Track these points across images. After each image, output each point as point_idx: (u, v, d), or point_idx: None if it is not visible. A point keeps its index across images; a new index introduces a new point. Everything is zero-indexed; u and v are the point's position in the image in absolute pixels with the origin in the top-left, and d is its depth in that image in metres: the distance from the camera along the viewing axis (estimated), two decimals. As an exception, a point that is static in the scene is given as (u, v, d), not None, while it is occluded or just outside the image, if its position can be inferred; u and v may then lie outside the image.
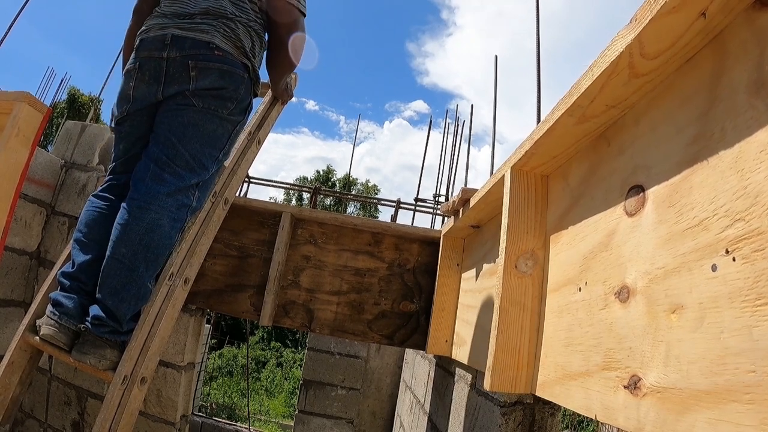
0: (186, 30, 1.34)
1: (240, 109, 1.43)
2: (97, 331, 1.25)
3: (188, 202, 1.38)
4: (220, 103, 1.37)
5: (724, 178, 0.44)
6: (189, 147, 1.35)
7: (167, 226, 1.31)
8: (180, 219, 1.36)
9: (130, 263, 1.26)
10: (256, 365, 13.67)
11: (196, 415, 5.10)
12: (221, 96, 1.36)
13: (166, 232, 1.31)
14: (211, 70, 1.34)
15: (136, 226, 1.27)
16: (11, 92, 1.44)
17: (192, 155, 1.36)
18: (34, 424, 2.06)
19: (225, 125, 1.41)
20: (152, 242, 1.29)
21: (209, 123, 1.37)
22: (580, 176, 0.76)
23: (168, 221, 1.31)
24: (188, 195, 1.38)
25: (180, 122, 1.35)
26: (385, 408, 4.17)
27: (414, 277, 1.78)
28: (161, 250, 1.31)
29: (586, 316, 0.66)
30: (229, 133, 1.43)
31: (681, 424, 0.44)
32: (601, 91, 0.60)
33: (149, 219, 1.28)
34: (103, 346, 1.25)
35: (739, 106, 0.44)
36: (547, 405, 1.05)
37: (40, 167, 2.17)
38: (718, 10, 0.44)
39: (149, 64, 1.34)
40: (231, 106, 1.39)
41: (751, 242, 0.39)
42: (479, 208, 1.19)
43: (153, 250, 1.29)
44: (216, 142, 1.40)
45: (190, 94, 1.34)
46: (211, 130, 1.38)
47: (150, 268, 1.30)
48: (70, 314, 1.26)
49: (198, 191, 1.42)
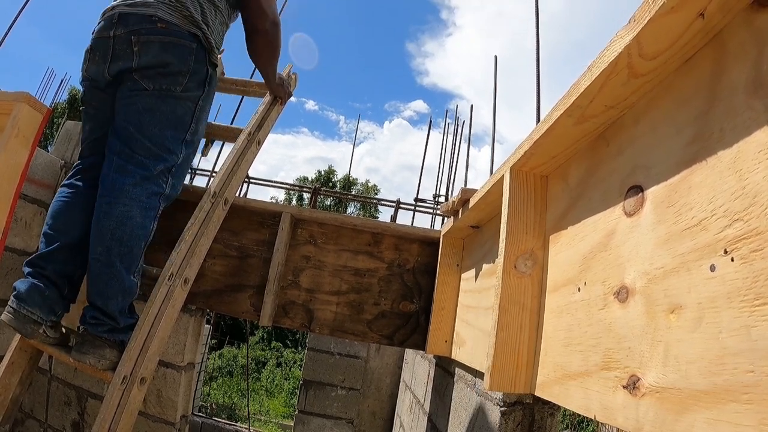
0: (131, 6, 1.33)
1: (196, 83, 1.38)
2: (95, 331, 1.26)
3: (159, 189, 1.36)
4: (171, 80, 1.33)
5: (723, 178, 0.44)
6: (148, 134, 1.32)
7: (138, 217, 1.29)
8: (152, 207, 1.34)
9: (106, 260, 1.26)
10: (256, 365, 13.67)
11: (196, 415, 5.10)
12: (169, 72, 1.32)
13: (138, 222, 1.29)
14: (153, 43, 1.31)
15: (106, 221, 1.27)
16: (11, 93, 1.44)
17: (153, 142, 1.33)
18: (34, 425, 2.06)
19: (184, 104, 1.37)
20: (124, 235, 1.27)
21: (164, 105, 1.34)
22: (579, 176, 0.76)
23: (139, 211, 1.30)
24: (158, 182, 1.35)
25: (134, 110, 1.32)
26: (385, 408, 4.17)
27: (414, 277, 1.78)
28: (135, 242, 1.29)
29: (586, 316, 0.66)
30: (191, 111, 1.39)
31: (680, 424, 0.44)
32: (600, 92, 0.60)
33: (118, 212, 1.27)
34: (102, 346, 1.25)
35: (738, 107, 0.44)
36: (546, 405, 1.05)
37: (40, 168, 2.17)
38: (716, 10, 0.44)
39: (99, 43, 1.35)
40: (183, 81, 1.34)
41: (750, 242, 0.39)
42: (479, 209, 1.19)
43: (126, 242, 1.28)
44: (178, 123, 1.37)
45: (138, 75, 1.31)
46: (169, 111, 1.34)
47: (125, 261, 1.28)
48: (22, 298, 1.24)
49: (171, 177, 1.39)
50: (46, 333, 1.28)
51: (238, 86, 2.00)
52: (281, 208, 1.83)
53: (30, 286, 1.25)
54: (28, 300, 1.23)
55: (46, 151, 2.32)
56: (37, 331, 1.25)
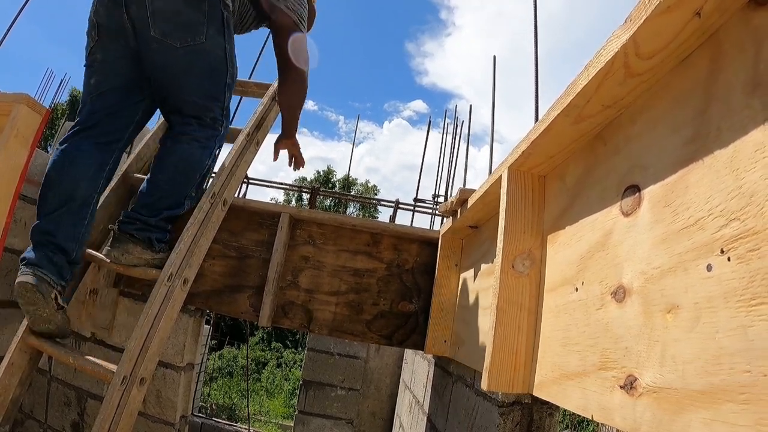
0: None
1: (215, 28, 1.40)
2: (125, 228, 1.39)
3: (215, 132, 1.50)
4: (193, 31, 1.35)
5: (720, 177, 0.44)
6: (193, 91, 1.43)
7: (197, 155, 1.47)
8: (208, 147, 1.50)
9: (165, 186, 1.44)
10: (256, 366, 13.66)
11: (196, 415, 5.10)
12: (188, 23, 1.34)
13: (197, 159, 1.47)
14: None
15: (170, 158, 1.44)
16: (10, 94, 1.44)
17: (200, 96, 1.44)
18: (33, 425, 2.05)
19: (214, 53, 1.41)
20: (186, 168, 1.45)
21: (198, 60, 1.39)
22: (576, 176, 0.76)
23: (199, 151, 1.47)
24: (214, 126, 1.49)
25: (171, 73, 1.39)
26: (385, 408, 4.17)
27: (413, 278, 1.78)
28: (191, 174, 1.48)
29: (583, 316, 0.66)
30: (223, 57, 1.44)
31: (676, 424, 0.44)
32: (596, 91, 0.60)
33: (180, 150, 1.44)
34: (126, 241, 1.38)
35: (735, 106, 0.44)
36: (545, 405, 1.05)
37: (39, 168, 2.16)
38: (712, 9, 0.44)
39: None
40: (203, 29, 1.36)
41: (746, 242, 0.39)
42: (477, 209, 1.19)
43: (185, 173, 1.46)
44: (214, 73, 1.44)
45: (158, 33, 1.32)
46: (204, 65, 1.41)
47: (181, 187, 1.47)
48: (34, 263, 1.26)
49: (223, 119, 1.52)
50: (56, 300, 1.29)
51: (238, 87, 2.00)
52: (280, 208, 1.83)
53: (39, 254, 1.28)
54: (40, 264, 1.26)
55: (46, 152, 2.32)
56: (50, 294, 1.26)
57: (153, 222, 1.41)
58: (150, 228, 1.41)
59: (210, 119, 1.48)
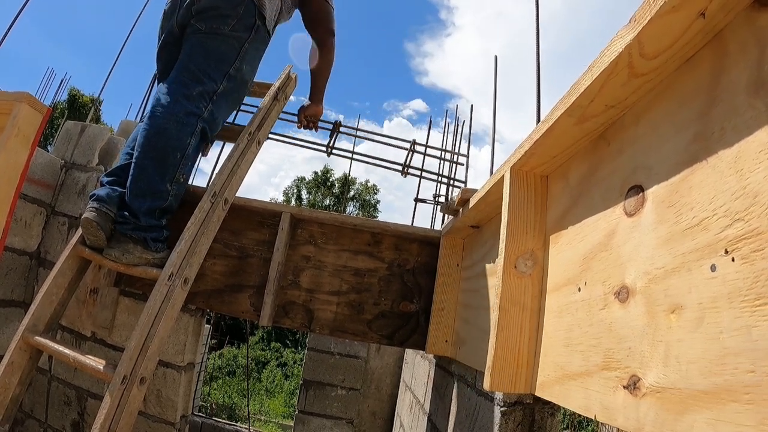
0: None
1: (243, 27, 1.58)
2: (121, 229, 1.43)
3: (197, 110, 1.52)
4: (221, 21, 1.55)
5: (724, 178, 0.44)
6: (194, 62, 1.55)
7: (173, 130, 1.47)
8: (188, 124, 1.50)
9: (140, 162, 1.44)
10: (256, 365, 13.66)
11: (197, 415, 5.10)
12: (219, 15, 1.55)
13: (173, 134, 1.47)
14: None
15: (147, 130, 1.47)
16: (11, 93, 1.44)
17: (197, 67, 1.54)
18: (33, 424, 2.05)
19: (229, 41, 1.58)
20: (159, 142, 1.45)
21: (211, 41, 1.57)
22: (579, 176, 0.76)
23: (175, 125, 1.47)
24: (196, 104, 1.52)
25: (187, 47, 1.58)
26: (385, 408, 4.17)
27: (414, 278, 1.78)
28: (169, 151, 1.46)
29: (586, 316, 0.65)
30: (237, 49, 1.59)
31: (680, 425, 0.44)
32: (600, 91, 0.60)
33: (157, 123, 1.47)
34: (126, 242, 1.42)
35: (739, 106, 0.44)
36: (546, 405, 1.04)
37: (39, 167, 2.17)
38: (717, 9, 0.44)
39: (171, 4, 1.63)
40: (232, 23, 1.56)
41: (751, 242, 0.39)
42: (479, 209, 1.19)
43: (160, 149, 1.45)
44: (222, 56, 1.57)
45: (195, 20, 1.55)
46: (215, 46, 1.57)
47: (158, 166, 1.45)
48: (102, 200, 1.42)
49: (210, 103, 1.55)
50: (112, 227, 1.44)
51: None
52: (281, 207, 1.83)
53: (109, 191, 1.46)
54: (108, 200, 1.43)
55: (46, 151, 2.32)
56: (109, 228, 1.42)
57: (143, 222, 1.43)
58: (142, 228, 1.43)
59: (197, 93, 1.52)
